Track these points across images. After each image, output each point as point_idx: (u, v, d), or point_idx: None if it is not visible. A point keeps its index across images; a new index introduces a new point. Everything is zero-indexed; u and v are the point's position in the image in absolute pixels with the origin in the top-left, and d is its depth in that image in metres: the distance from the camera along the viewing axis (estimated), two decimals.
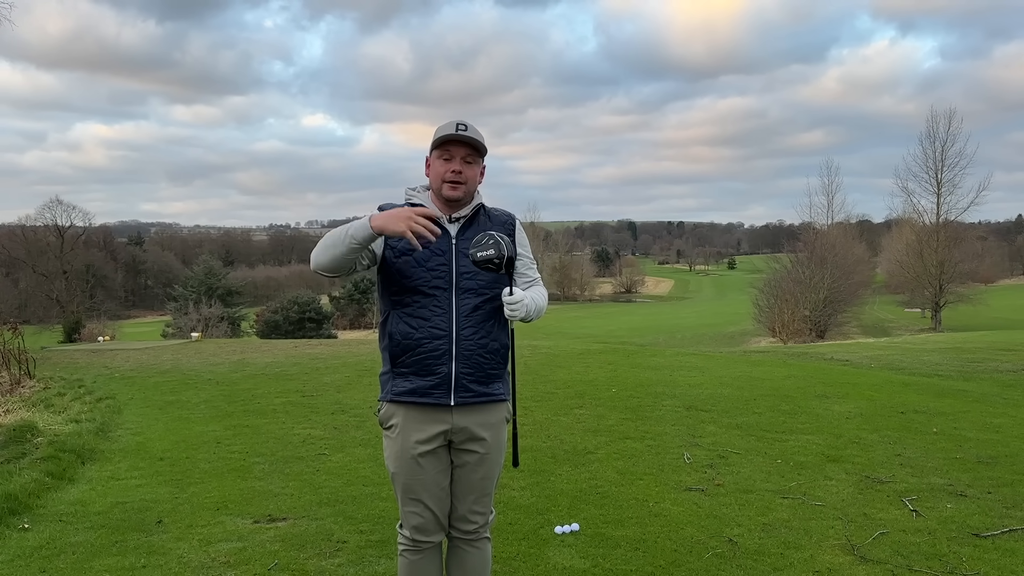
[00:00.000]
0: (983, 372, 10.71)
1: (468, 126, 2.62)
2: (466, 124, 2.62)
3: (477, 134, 2.63)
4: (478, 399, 2.67)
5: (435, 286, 2.60)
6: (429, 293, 2.60)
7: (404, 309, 2.62)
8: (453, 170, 2.61)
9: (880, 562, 3.72)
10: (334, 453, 5.94)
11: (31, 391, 9.22)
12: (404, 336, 2.62)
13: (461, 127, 2.61)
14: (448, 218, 2.67)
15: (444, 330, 2.60)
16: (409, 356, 2.62)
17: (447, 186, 2.62)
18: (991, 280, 70.42)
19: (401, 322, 2.63)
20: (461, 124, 2.62)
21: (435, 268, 2.60)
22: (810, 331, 39.28)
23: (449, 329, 2.60)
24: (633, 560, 3.79)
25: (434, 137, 2.66)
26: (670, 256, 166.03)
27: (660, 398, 8.00)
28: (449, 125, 2.63)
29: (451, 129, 2.61)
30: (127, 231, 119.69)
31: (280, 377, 10.28)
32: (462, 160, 2.62)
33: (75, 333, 41.42)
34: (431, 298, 2.60)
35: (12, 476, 5.10)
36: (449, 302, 2.61)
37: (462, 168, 2.62)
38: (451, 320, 2.60)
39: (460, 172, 2.62)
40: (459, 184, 2.62)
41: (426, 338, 2.60)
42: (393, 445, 2.71)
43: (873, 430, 6.51)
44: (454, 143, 2.62)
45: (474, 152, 2.64)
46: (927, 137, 46.43)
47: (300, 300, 49.09)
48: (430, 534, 2.73)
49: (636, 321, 64.56)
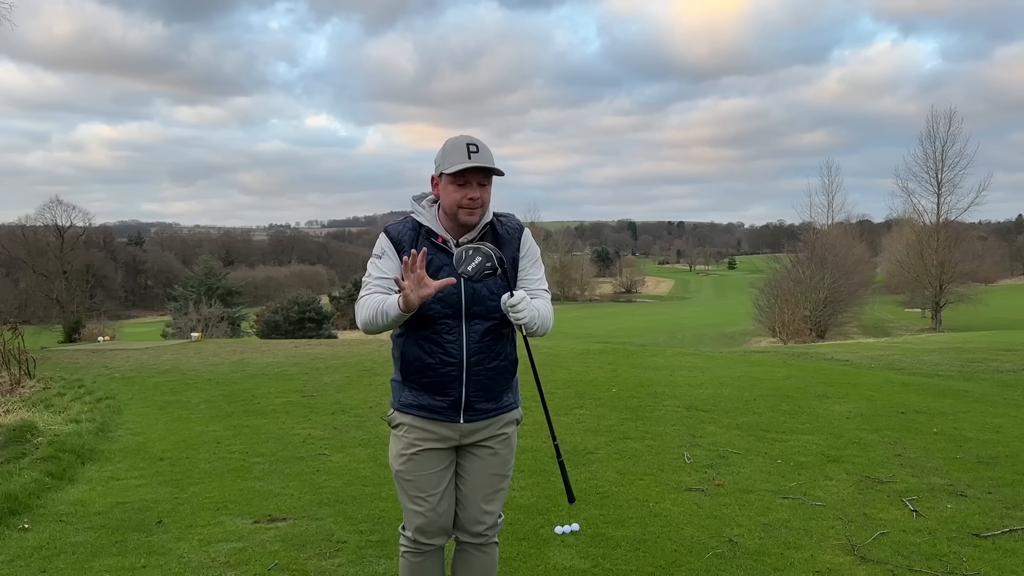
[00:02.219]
0: (983, 372, 10.71)
1: (479, 147, 2.54)
2: (477, 144, 2.54)
3: (488, 155, 2.56)
4: (488, 416, 2.69)
5: (446, 315, 2.58)
6: (440, 321, 2.58)
7: (418, 332, 2.61)
8: (470, 197, 2.55)
9: (880, 562, 3.72)
10: (334, 453, 5.94)
11: (31, 391, 9.22)
12: (416, 359, 2.63)
13: (473, 149, 2.52)
14: (455, 242, 2.62)
15: (455, 357, 2.60)
16: (420, 377, 2.64)
17: (463, 212, 2.57)
18: (991, 280, 70.40)
19: (414, 345, 2.62)
20: (472, 145, 2.53)
21: (445, 297, 2.55)
22: (810, 331, 39.28)
23: (460, 356, 2.60)
24: (633, 560, 3.79)
25: (443, 159, 2.57)
26: (670, 256, 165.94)
27: (660, 398, 7.99)
28: (460, 149, 2.53)
29: (464, 156, 2.52)
30: (127, 231, 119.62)
31: (280, 377, 10.27)
32: (477, 184, 2.56)
33: (75, 333, 41.39)
34: (443, 326, 2.59)
35: (12, 476, 5.10)
36: (459, 330, 2.60)
37: (478, 193, 2.56)
38: (461, 347, 2.60)
39: (477, 198, 2.56)
40: (476, 209, 2.58)
41: (438, 364, 2.60)
42: (399, 444, 2.71)
43: (873, 430, 6.50)
44: (469, 170, 2.54)
45: (488, 175, 2.59)
46: (927, 137, 46.48)
47: (300, 300, 49.07)
48: (433, 536, 2.72)
49: (636, 321, 64.56)
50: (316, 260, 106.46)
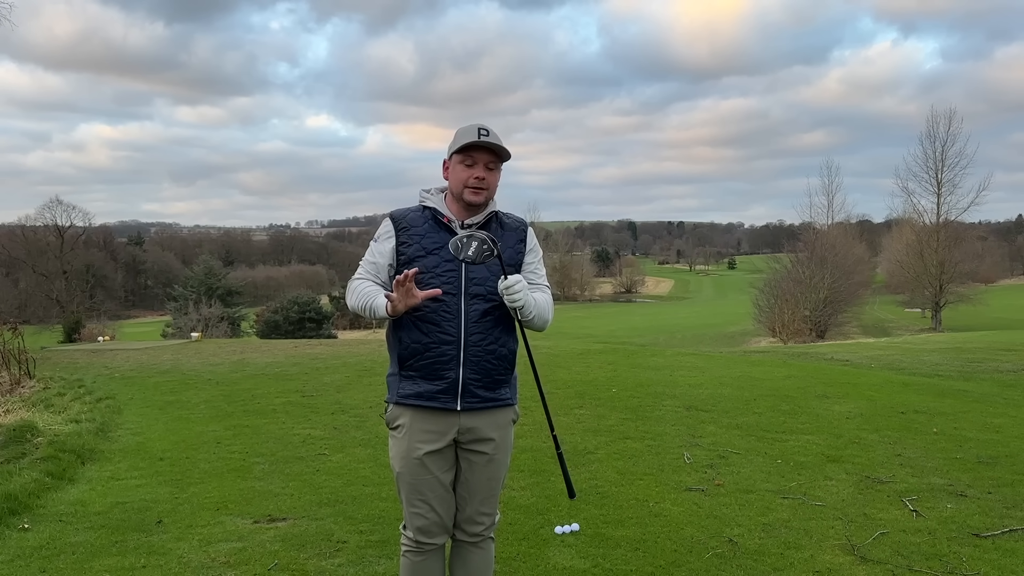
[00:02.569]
0: (983, 372, 10.71)
1: (490, 131, 2.61)
2: (488, 129, 2.61)
3: (499, 140, 2.62)
4: (485, 404, 2.67)
5: (445, 291, 2.60)
6: (439, 298, 2.59)
7: (414, 314, 2.62)
8: (476, 176, 2.61)
9: (880, 562, 3.72)
10: (334, 453, 5.94)
11: (31, 391, 9.22)
12: (413, 340, 2.62)
13: (483, 132, 2.60)
14: (460, 224, 2.67)
15: (453, 336, 2.60)
16: (417, 360, 2.63)
17: (469, 191, 2.63)
18: (991, 280, 70.39)
19: (411, 326, 2.63)
20: (483, 129, 2.61)
21: (444, 274, 2.60)
22: (810, 331, 39.28)
23: (457, 335, 2.60)
24: (633, 560, 3.79)
25: (455, 141, 2.65)
26: (670, 256, 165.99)
27: (660, 398, 7.99)
28: (471, 130, 2.61)
29: (473, 135, 2.59)
30: (127, 231, 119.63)
31: (280, 377, 10.27)
32: (484, 167, 2.62)
33: (75, 333, 41.36)
34: (440, 303, 2.60)
35: (12, 476, 5.10)
36: (458, 308, 2.61)
37: (485, 175, 2.62)
38: (460, 325, 2.60)
39: (483, 179, 2.62)
40: (481, 190, 2.63)
41: (435, 343, 2.60)
42: (399, 445, 2.70)
43: (873, 430, 6.50)
44: (477, 149, 2.61)
45: (496, 158, 2.65)
46: (927, 137, 46.50)
47: (300, 300, 49.05)
48: (434, 536, 2.72)
49: (636, 321, 64.57)
50: (316, 260, 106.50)
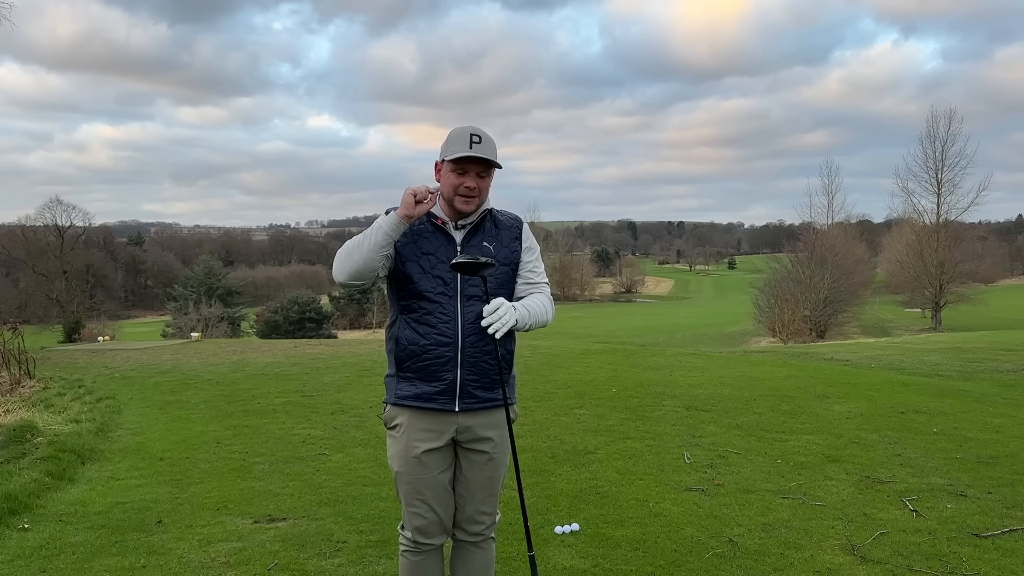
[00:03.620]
0: (983, 372, 10.71)
1: (482, 137, 2.58)
2: (480, 135, 2.58)
3: (491, 146, 2.60)
4: (483, 405, 2.67)
5: (441, 292, 2.60)
6: (435, 300, 2.59)
7: (411, 315, 2.62)
8: (467, 185, 2.60)
9: (880, 562, 3.72)
10: (334, 453, 5.94)
11: (31, 391, 9.22)
12: (410, 342, 2.62)
13: (475, 139, 2.56)
14: (454, 224, 2.66)
15: (450, 337, 2.60)
16: (414, 362, 2.63)
17: (460, 199, 2.61)
18: (991, 280, 70.37)
19: (408, 328, 2.63)
20: (475, 136, 2.57)
21: (441, 275, 2.60)
22: (810, 331, 39.29)
23: (454, 336, 2.60)
24: (633, 560, 3.79)
25: (447, 144, 2.62)
26: (670, 256, 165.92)
27: (660, 398, 7.99)
28: (463, 137, 2.57)
29: (465, 144, 2.56)
30: (127, 231, 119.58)
31: (280, 377, 10.27)
32: (476, 175, 2.60)
33: (75, 333, 41.39)
34: (437, 305, 2.60)
35: (12, 476, 5.10)
36: (454, 309, 2.61)
37: (475, 183, 2.60)
38: (456, 327, 2.60)
39: (473, 188, 2.60)
40: (472, 198, 2.62)
41: (432, 345, 2.60)
42: (397, 444, 2.70)
43: (873, 430, 6.50)
44: (468, 160, 2.58)
45: (488, 167, 2.62)
46: (927, 137, 46.54)
47: (300, 300, 49.12)
48: (432, 536, 2.72)
49: (636, 321, 64.55)
50: (316, 260, 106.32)
